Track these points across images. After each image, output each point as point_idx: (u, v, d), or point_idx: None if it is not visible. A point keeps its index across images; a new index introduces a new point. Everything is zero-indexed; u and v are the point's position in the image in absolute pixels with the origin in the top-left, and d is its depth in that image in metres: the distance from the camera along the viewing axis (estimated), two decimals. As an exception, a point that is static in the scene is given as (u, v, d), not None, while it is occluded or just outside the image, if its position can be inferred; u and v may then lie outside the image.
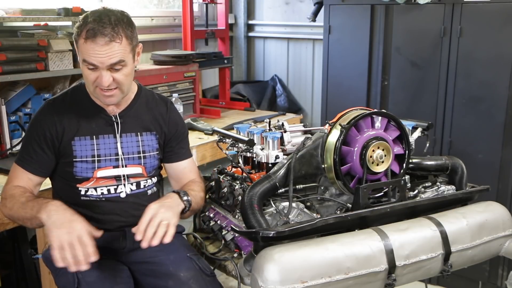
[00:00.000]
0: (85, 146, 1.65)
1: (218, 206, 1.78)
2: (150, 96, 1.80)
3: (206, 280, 1.63)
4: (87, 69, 1.54)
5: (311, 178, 1.64)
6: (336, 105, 3.08)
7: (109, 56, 1.50)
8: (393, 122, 1.66)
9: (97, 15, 1.51)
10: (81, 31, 1.50)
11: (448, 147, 2.82)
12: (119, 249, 1.70)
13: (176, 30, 3.64)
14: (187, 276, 1.62)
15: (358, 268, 1.39)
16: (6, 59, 2.32)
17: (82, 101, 1.68)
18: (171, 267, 1.65)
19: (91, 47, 1.48)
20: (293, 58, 4.03)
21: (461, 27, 2.67)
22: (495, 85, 2.63)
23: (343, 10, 3.07)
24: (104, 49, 1.48)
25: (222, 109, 3.54)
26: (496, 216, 1.64)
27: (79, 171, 1.65)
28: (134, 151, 1.71)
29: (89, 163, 1.65)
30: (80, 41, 1.51)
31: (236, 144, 1.81)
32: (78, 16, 2.61)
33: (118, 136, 1.69)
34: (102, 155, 1.66)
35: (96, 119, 1.67)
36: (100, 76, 1.52)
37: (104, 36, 1.48)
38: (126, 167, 1.70)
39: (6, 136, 2.41)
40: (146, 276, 1.68)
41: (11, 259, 2.48)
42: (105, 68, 1.52)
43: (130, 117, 1.72)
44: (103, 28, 1.48)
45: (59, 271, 1.61)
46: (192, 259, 1.67)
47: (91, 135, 1.66)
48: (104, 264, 1.60)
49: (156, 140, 1.76)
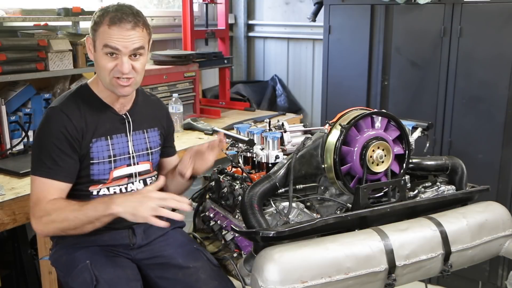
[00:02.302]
0: (102, 147, 1.64)
1: (218, 206, 1.78)
2: (144, 94, 1.84)
3: (214, 270, 1.67)
4: (107, 56, 1.56)
5: (311, 178, 1.64)
6: (336, 105, 3.08)
7: (133, 41, 1.55)
8: (393, 122, 1.66)
9: (117, 6, 1.57)
10: (103, 19, 1.54)
11: (448, 147, 2.81)
12: (128, 246, 1.71)
13: (176, 30, 3.64)
14: (196, 267, 1.67)
15: (358, 268, 1.39)
16: (6, 59, 2.32)
17: (91, 102, 1.66)
18: (180, 259, 1.70)
19: (116, 32, 1.53)
20: (293, 58, 4.03)
21: (461, 27, 2.66)
22: (495, 85, 2.63)
23: (343, 10, 3.07)
24: (129, 34, 1.54)
25: (222, 109, 3.54)
26: (496, 216, 1.64)
27: (96, 173, 1.64)
28: (143, 148, 1.74)
29: (106, 164, 1.65)
30: (102, 28, 1.54)
31: (236, 144, 1.81)
32: (78, 16, 2.64)
33: (129, 135, 1.70)
34: (117, 154, 1.67)
35: (109, 119, 1.67)
36: (121, 63, 1.55)
37: (129, 22, 1.54)
38: (138, 164, 1.72)
39: (6, 136, 2.41)
40: (156, 270, 1.70)
41: (11, 259, 2.47)
42: (127, 54, 1.55)
43: (137, 115, 1.74)
44: (126, 15, 1.54)
45: (72, 271, 1.60)
46: (200, 250, 1.73)
47: (106, 135, 1.65)
48: (116, 262, 1.64)
49: (159, 136, 1.81)
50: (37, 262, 2.37)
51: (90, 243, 1.65)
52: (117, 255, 1.68)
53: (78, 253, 1.64)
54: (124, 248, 1.71)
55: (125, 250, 1.71)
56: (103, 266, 1.59)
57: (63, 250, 1.68)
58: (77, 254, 1.64)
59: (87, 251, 1.64)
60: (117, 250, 1.69)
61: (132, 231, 1.72)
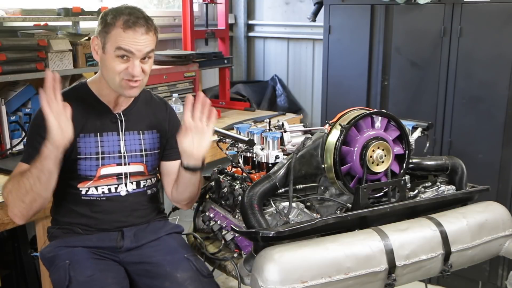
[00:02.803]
0: (89, 143, 1.65)
1: (218, 206, 1.78)
2: (149, 96, 1.83)
3: (203, 281, 1.63)
4: (118, 58, 1.57)
5: (311, 178, 1.64)
6: (336, 105, 3.08)
7: (146, 45, 1.59)
8: (393, 122, 1.66)
9: (129, 9, 1.59)
10: (116, 21, 1.56)
11: (448, 147, 2.82)
12: (116, 249, 1.70)
13: (176, 30, 3.64)
14: (184, 277, 1.62)
15: (358, 268, 1.39)
16: (6, 59, 2.32)
17: (86, 99, 1.68)
18: (167, 268, 1.64)
19: (131, 35, 1.56)
20: (293, 58, 4.03)
21: (461, 27, 2.67)
22: (495, 85, 2.63)
23: (343, 10, 3.07)
24: (142, 38, 1.58)
25: (222, 109, 3.54)
26: (496, 216, 1.64)
27: (83, 169, 1.66)
28: (136, 149, 1.73)
29: (93, 160, 1.66)
30: (116, 30, 1.56)
31: (236, 144, 1.81)
32: (78, 16, 2.64)
33: (121, 134, 1.70)
34: (106, 152, 1.68)
35: (101, 116, 1.69)
36: (132, 66, 1.58)
37: (142, 26, 1.58)
38: (129, 165, 1.71)
39: (6, 136, 2.41)
40: (143, 277, 1.67)
41: (11, 259, 2.48)
42: (139, 57, 1.59)
43: (133, 115, 1.74)
44: (139, 19, 1.58)
45: (53, 267, 1.62)
46: (189, 259, 1.67)
47: (95, 132, 1.67)
48: (98, 264, 1.61)
49: (158, 139, 1.79)
50: (37, 262, 2.37)
51: (78, 244, 1.66)
52: (103, 258, 1.66)
53: (63, 251, 1.64)
54: (111, 250, 1.69)
55: (112, 252, 1.69)
56: (82, 268, 1.57)
57: (51, 248, 1.69)
58: (61, 252, 1.64)
59: (71, 252, 1.63)
60: (104, 252, 1.68)
61: (121, 234, 1.71)
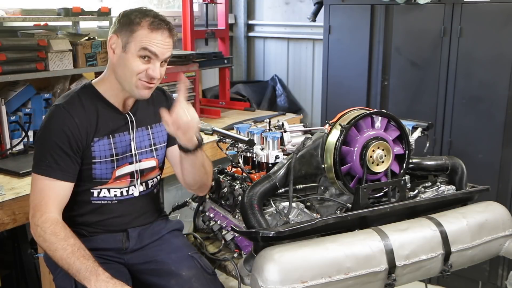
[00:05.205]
0: (104, 146, 1.63)
1: (218, 206, 1.78)
2: None
3: (207, 278, 1.64)
4: (140, 59, 1.56)
5: (311, 178, 1.64)
6: (336, 105, 3.08)
7: (169, 48, 1.61)
8: (393, 122, 1.66)
9: (153, 12, 1.61)
10: (142, 21, 1.56)
11: (448, 147, 2.81)
12: (121, 250, 1.69)
13: (176, 30, 3.63)
14: (189, 274, 1.62)
15: (358, 268, 1.39)
16: (6, 59, 2.32)
17: (94, 101, 1.65)
18: (173, 266, 1.65)
19: (158, 37, 1.57)
20: (293, 58, 4.03)
21: (461, 27, 2.67)
22: (495, 85, 2.63)
23: (343, 10, 3.07)
24: (167, 41, 1.59)
25: (222, 109, 3.54)
26: (496, 216, 1.64)
27: (98, 173, 1.63)
28: (146, 144, 1.73)
29: (109, 163, 1.64)
30: (142, 30, 1.55)
31: (236, 144, 1.81)
32: (78, 16, 2.64)
33: (132, 133, 1.69)
34: (120, 153, 1.66)
35: (112, 117, 1.66)
36: (153, 68, 1.58)
37: (167, 29, 1.59)
38: (141, 162, 1.71)
39: (6, 136, 2.41)
40: (148, 276, 1.68)
41: (11, 259, 2.48)
42: (161, 60, 1.59)
43: (140, 112, 1.73)
44: (163, 23, 1.59)
45: (58, 272, 1.61)
46: (194, 257, 1.68)
47: (108, 134, 1.64)
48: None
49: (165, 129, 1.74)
50: (37, 262, 2.37)
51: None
52: (108, 261, 1.64)
53: None
54: (116, 252, 1.68)
55: (117, 254, 1.69)
56: None
57: None
58: None
59: None
60: (109, 254, 1.67)
61: (127, 235, 1.70)
